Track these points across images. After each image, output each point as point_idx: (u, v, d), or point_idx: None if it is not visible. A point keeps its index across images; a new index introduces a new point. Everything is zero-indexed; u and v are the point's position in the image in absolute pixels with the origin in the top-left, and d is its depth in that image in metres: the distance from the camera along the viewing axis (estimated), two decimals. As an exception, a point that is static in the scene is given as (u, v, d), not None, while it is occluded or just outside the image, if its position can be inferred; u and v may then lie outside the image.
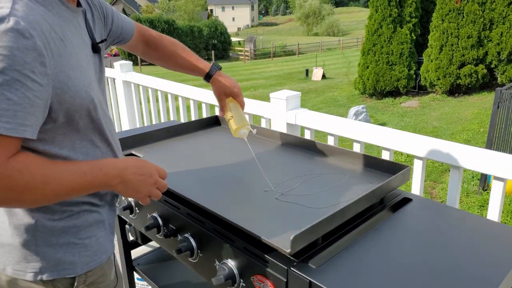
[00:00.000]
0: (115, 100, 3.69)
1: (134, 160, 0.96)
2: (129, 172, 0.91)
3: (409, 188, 1.74)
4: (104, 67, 1.08)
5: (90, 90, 0.91)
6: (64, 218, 0.94)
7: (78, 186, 0.85)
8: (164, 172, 1.00)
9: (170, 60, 1.32)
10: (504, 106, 5.11)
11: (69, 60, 0.85)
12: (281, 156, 1.38)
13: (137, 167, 0.94)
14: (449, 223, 1.01)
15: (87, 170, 0.86)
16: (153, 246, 1.76)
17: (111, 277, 1.08)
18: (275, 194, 1.10)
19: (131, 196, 0.96)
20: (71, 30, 0.89)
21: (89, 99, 0.90)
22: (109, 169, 0.90)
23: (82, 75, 0.89)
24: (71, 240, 0.95)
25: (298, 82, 18.51)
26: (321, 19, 53.85)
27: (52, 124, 0.86)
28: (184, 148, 1.50)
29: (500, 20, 10.52)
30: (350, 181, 1.17)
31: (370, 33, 12.41)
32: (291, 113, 1.92)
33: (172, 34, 33.59)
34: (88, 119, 0.93)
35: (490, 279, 0.80)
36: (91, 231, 0.99)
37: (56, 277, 0.94)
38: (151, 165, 0.97)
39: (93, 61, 0.99)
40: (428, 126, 9.42)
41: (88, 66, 0.94)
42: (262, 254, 0.87)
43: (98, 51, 1.02)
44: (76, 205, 0.95)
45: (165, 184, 0.99)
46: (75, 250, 0.96)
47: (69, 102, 0.86)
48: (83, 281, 0.98)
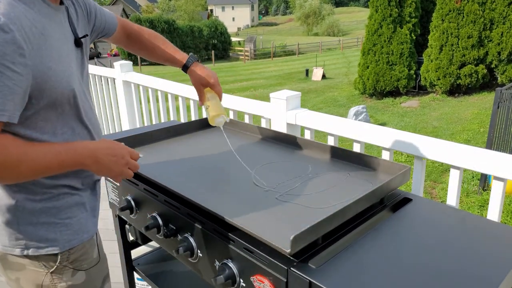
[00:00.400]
0: (115, 100, 3.69)
1: (107, 142, 1.04)
2: (101, 153, 1.00)
3: (409, 188, 1.74)
4: (87, 61, 1.15)
5: (70, 80, 0.99)
6: (44, 199, 1.03)
7: (53, 164, 0.94)
8: (136, 154, 1.08)
9: (150, 51, 1.41)
10: (504, 106, 5.11)
11: (49, 52, 0.93)
12: (281, 156, 1.38)
13: (109, 148, 1.02)
14: (449, 223, 1.01)
15: (62, 150, 0.95)
16: (153, 246, 1.76)
17: (94, 255, 1.16)
18: (275, 194, 1.10)
19: (104, 175, 1.04)
20: (52, 25, 0.97)
21: (69, 89, 0.99)
22: (83, 150, 0.98)
23: (63, 66, 0.97)
24: (51, 220, 1.04)
25: (298, 82, 18.51)
26: (321, 19, 53.85)
27: (34, 111, 0.94)
28: (184, 148, 1.50)
29: (501, 20, 10.52)
30: (350, 181, 1.17)
31: (370, 33, 12.41)
32: (291, 113, 1.92)
33: (172, 34, 33.61)
34: (68, 107, 1.02)
35: (490, 279, 0.80)
36: (71, 212, 1.08)
37: (41, 253, 1.04)
38: (123, 147, 1.05)
39: (75, 55, 1.06)
40: (428, 126, 9.42)
41: (69, 59, 1.01)
42: (262, 254, 0.87)
43: (80, 45, 1.09)
44: (56, 188, 1.04)
45: (137, 164, 1.07)
46: (56, 229, 1.05)
47: (50, 90, 0.94)
48: (66, 258, 1.07)
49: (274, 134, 1.54)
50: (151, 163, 1.35)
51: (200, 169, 1.30)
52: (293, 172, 1.24)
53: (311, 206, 1.03)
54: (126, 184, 1.33)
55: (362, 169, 1.25)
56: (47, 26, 0.94)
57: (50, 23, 0.96)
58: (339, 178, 1.19)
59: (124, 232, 1.56)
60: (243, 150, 1.44)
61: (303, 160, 1.34)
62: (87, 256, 1.13)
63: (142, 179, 1.25)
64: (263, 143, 1.52)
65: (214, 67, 28.88)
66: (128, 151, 1.05)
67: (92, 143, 1.04)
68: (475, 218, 1.06)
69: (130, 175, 1.06)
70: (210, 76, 1.35)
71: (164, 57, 1.40)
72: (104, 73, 3.66)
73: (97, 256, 1.17)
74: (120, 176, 1.05)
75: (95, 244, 1.17)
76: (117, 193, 1.41)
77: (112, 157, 1.01)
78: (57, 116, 1.00)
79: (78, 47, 1.07)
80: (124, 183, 1.34)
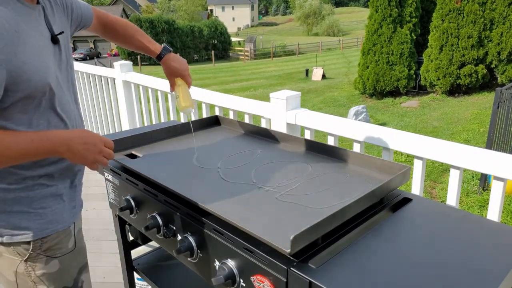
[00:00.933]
0: (115, 100, 3.69)
1: (81, 131, 1.09)
2: (74, 141, 1.04)
3: (409, 188, 1.74)
4: (67, 56, 1.19)
5: (45, 74, 1.04)
6: (18, 189, 1.08)
7: (26, 151, 0.99)
8: (110, 142, 1.12)
9: (125, 41, 1.49)
10: (504, 106, 5.11)
11: (23, 48, 0.97)
12: (281, 156, 1.38)
13: (82, 137, 1.06)
14: (449, 223, 1.01)
15: (35, 138, 1.00)
16: (153, 246, 1.76)
17: (69, 245, 1.19)
18: (275, 194, 1.10)
19: (79, 162, 1.08)
20: (27, 23, 1.01)
21: (44, 82, 1.03)
22: (55, 138, 1.03)
23: (38, 62, 1.01)
24: (25, 209, 1.09)
25: (298, 82, 18.51)
26: (321, 19, 53.84)
27: (10, 103, 0.99)
28: (184, 148, 1.50)
29: (501, 20, 10.52)
30: (350, 181, 1.17)
31: (370, 33, 12.41)
32: (291, 113, 1.92)
33: (172, 34, 33.63)
34: (44, 100, 1.06)
35: (490, 279, 0.80)
36: (45, 203, 1.13)
37: (14, 240, 1.09)
38: (96, 135, 1.10)
39: (52, 51, 1.11)
40: (428, 126, 9.43)
41: (45, 55, 1.06)
42: (262, 254, 0.87)
43: (57, 42, 1.13)
44: (32, 179, 1.09)
45: (111, 152, 1.12)
46: (29, 217, 1.10)
47: (25, 84, 0.98)
48: (38, 246, 1.12)
49: (274, 134, 1.54)
50: (151, 163, 1.35)
51: (200, 169, 1.30)
52: (293, 172, 1.24)
53: (311, 206, 1.03)
54: (126, 184, 1.33)
55: (362, 169, 1.25)
56: (22, 24, 0.99)
57: (25, 21, 1.01)
58: (339, 178, 1.19)
59: (124, 232, 1.56)
60: (243, 150, 1.44)
61: (303, 160, 1.34)
62: (61, 245, 1.17)
63: (142, 179, 1.25)
64: (263, 143, 1.52)
65: (214, 67, 28.89)
66: (101, 139, 1.10)
67: (65, 132, 1.10)
68: (475, 218, 1.05)
69: (104, 162, 1.11)
70: (181, 69, 1.45)
71: (139, 47, 1.49)
72: (104, 73, 3.66)
73: (73, 246, 1.21)
74: (95, 164, 1.09)
75: (72, 235, 1.21)
76: (117, 193, 1.41)
77: (85, 145, 1.05)
78: (33, 109, 1.04)
79: (55, 44, 1.12)
80: (124, 183, 1.34)
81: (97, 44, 42.63)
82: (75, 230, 1.23)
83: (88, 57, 35.74)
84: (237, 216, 0.96)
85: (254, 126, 1.62)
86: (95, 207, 3.22)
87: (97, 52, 39.28)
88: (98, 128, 4.11)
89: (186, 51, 34.69)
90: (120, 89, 3.42)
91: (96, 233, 2.88)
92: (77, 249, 1.23)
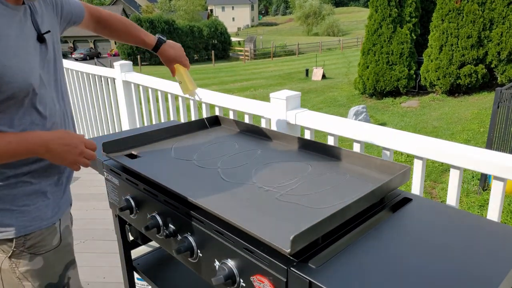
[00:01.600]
0: (115, 100, 3.69)
1: (61, 132, 1.10)
2: (53, 142, 1.05)
3: (409, 188, 1.74)
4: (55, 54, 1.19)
5: (28, 76, 1.04)
6: (1, 187, 1.08)
7: (5, 152, 1.00)
8: (91, 144, 1.13)
9: (119, 36, 1.51)
10: (504, 106, 5.11)
11: (4, 50, 0.98)
12: (281, 156, 1.38)
13: (62, 138, 1.07)
14: (449, 223, 1.01)
15: (13, 139, 1.01)
16: (153, 246, 1.76)
17: (53, 243, 1.20)
18: (275, 194, 1.10)
19: (59, 163, 1.10)
20: (9, 24, 1.02)
21: (26, 83, 1.03)
22: (34, 140, 1.04)
23: (19, 63, 1.02)
24: (7, 206, 1.10)
25: (298, 82, 18.51)
26: (321, 19, 53.85)
27: None
28: (184, 148, 1.50)
29: (500, 20, 10.53)
30: (350, 181, 1.17)
31: (370, 33, 12.41)
32: (291, 113, 1.92)
33: (172, 34, 33.62)
34: (27, 101, 1.06)
35: (490, 279, 0.80)
36: (29, 200, 1.13)
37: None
38: (77, 136, 1.10)
39: (38, 51, 1.11)
40: (428, 126, 9.43)
41: (28, 55, 1.06)
42: (262, 254, 0.87)
43: (44, 41, 1.13)
44: (15, 177, 1.09)
45: (92, 154, 1.12)
46: (12, 215, 1.10)
47: (6, 85, 0.98)
48: (22, 243, 1.12)
49: (274, 134, 1.54)
50: (151, 163, 1.35)
51: (200, 169, 1.30)
52: (293, 172, 1.24)
53: (311, 206, 1.03)
54: (126, 184, 1.33)
55: (362, 169, 1.25)
56: (3, 25, 0.99)
57: (7, 22, 1.01)
58: (339, 178, 1.19)
59: (124, 232, 1.56)
60: (243, 150, 1.44)
61: (303, 160, 1.34)
62: (45, 242, 1.17)
63: (142, 179, 1.25)
64: (263, 143, 1.52)
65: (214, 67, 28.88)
66: (82, 140, 1.11)
67: (45, 133, 1.09)
68: (475, 218, 1.05)
69: (86, 164, 1.12)
70: (178, 55, 1.54)
71: (134, 41, 1.52)
72: (104, 73, 3.66)
73: (58, 243, 1.21)
74: (75, 165, 1.10)
75: (57, 232, 1.21)
76: (117, 193, 1.41)
77: (65, 146, 1.06)
78: (16, 109, 1.05)
79: (42, 43, 1.12)
80: (124, 183, 1.34)
81: (97, 44, 42.63)
82: (61, 227, 1.24)
83: (88, 57, 35.74)
84: (237, 216, 0.96)
85: (254, 126, 1.62)
86: (95, 207, 3.22)
87: (97, 52, 39.28)
88: (98, 128, 4.11)
89: (186, 51, 34.20)
90: (120, 89, 3.42)
91: (96, 233, 2.88)
92: (63, 246, 1.23)
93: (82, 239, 2.81)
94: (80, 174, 3.75)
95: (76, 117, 4.41)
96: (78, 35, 39.35)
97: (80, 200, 3.28)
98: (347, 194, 1.08)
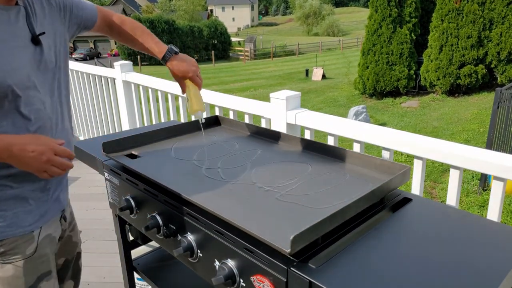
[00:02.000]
0: (115, 100, 3.69)
1: (28, 137, 1.04)
2: (16, 148, 1.00)
3: (409, 188, 1.74)
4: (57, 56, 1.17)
5: (7, 76, 1.00)
6: None
7: None
8: (64, 151, 1.06)
9: (131, 43, 1.45)
10: (504, 106, 5.11)
11: None
12: (281, 156, 1.38)
13: (27, 144, 1.01)
14: (449, 223, 1.01)
15: None
16: (153, 246, 1.76)
17: (27, 252, 1.14)
18: (275, 194, 1.10)
19: (25, 169, 1.04)
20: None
21: (5, 85, 1.00)
22: None
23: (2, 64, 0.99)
24: None
25: (298, 82, 18.51)
26: (321, 19, 53.86)
27: None
28: (184, 148, 1.50)
29: (500, 20, 10.52)
30: (350, 181, 1.17)
31: (370, 33, 12.41)
32: (291, 113, 1.92)
33: (172, 34, 33.63)
34: (7, 103, 1.03)
35: (490, 279, 0.80)
36: (6, 205, 1.09)
37: None
38: (46, 143, 1.04)
39: (32, 52, 1.08)
40: (428, 126, 9.43)
41: (12, 56, 1.03)
42: (262, 254, 0.87)
43: (39, 43, 1.10)
44: None
45: (62, 161, 1.05)
46: None
47: None
48: None
49: (274, 134, 1.54)
50: (151, 163, 1.35)
51: (200, 169, 1.30)
52: (293, 172, 1.24)
53: (311, 206, 1.03)
54: (126, 184, 1.33)
55: (362, 169, 1.25)
56: None
57: None
58: (339, 178, 1.19)
59: (124, 232, 1.56)
60: (243, 150, 1.44)
61: (303, 160, 1.34)
62: (18, 251, 1.12)
63: (142, 179, 1.25)
64: (263, 143, 1.52)
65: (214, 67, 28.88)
66: (52, 147, 1.04)
67: (10, 137, 1.03)
68: (475, 218, 1.06)
69: (55, 173, 1.05)
70: (188, 71, 1.35)
71: (144, 49, 1.43)
72: (104, 73, 3.66)
73: (32, 252, 1.15)
74: (43, 173, 1.04)
75: (34, 241, 1.15)
76: (117, 193, 1.41)
77: (30, 152, 1.00)
78: None
79: (36, 45, 1.09)
80: (124, 183, 1.34)
81: (97, 44, 42.62)
82: (41, 236, 1.17)
83: (88, 57, 35.73)
84: (237, 216, 0.96)
85: (254, 126, 1.62)
86: (95, 207, 3.22)
87: (97, 52, 39.27)
88: (98, 128, 4.11)
89: (186, 51, 34.64)
90: (120, 89, 3.42)
91: (96, 233, 2.88)
92: (37, 256, 1.17)
93: (82, 239, 2.81)
94: (80, 174, 3.75)
95: (76, 117, 4.41)
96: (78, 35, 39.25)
97: (80, 200, 3.28)
98: (347, 194, 1.08)
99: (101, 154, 1.41)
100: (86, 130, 4.30)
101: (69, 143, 1.26)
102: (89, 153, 1.56)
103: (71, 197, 1.46)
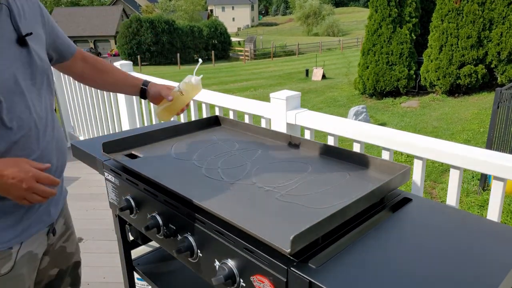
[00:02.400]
0: (115, 100, 3.69)
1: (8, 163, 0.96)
2: None
3: (409, 188, 1.74)
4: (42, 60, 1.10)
5: None
6: None
7: None
8: (47, 178, 1.00)
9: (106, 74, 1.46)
10: (504, 106, 5.11)
11: None
12: (281, 156, 1.38)
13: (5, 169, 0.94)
14: (449, 223, 1.01)
15: None
16: (153, 246, 1.76)
17: (2, 271, 1.05)
18: (275, 194, 1.10)
19: (4, 196, 0.98)
20: None
21: None
22: None
23: None
24: None
25: (298, 82, 18.51)
26: (321, 19, 53.87)
27: None
28: (184, 148, 1.50)
29: (500, 20, 10.52)
30: (350, 181, 1.17)
31: (370, 33, 12.41)
32: (291, 113, 1.92)
33: (172, 35, 33.63)
34: None
35: (490, 279, 0.80)
36: None
37: None
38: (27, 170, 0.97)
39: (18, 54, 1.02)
40: (428, 126, 9.43)
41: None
42: (262, 254, 0.87)
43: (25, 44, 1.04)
44: None
45: (44, 189, 0.99)
46: None
47: None
48: None
49: (274, 134, 1.54)
50: (151, 163, 1.35)
51: (200, 169, 1.30)
52: (293, 172, 1.24)
53: (311, 206, 1.03)
54: (126, 184, 1.33)
55: (362, 169, 1.25)
56: None
57: None
58: (339, 178, 1.19)
59: (124, 232, 1.56)
60: (243, 150, 1.44)
61: (303, 160, 1.34)
62: None
63: (142, 179, 1.25)
64: (263, 143, 1.52)
65: (214, 67, 28.89)
66: (34, 175, 0.97)
67: None
68: (475, 218, 1.06)
69: (36, 200, 0.99)
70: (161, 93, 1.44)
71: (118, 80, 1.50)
72: (104, 73, 3.66)
73: (7, 271, 1.07)
74: (23, 200, 0.98)
75: (11, 259, 1.07)
76: (117, 193, 1.41)
77: (10, 179, 0.94)
78: None
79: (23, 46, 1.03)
80: (124, 183, 1.34)
81: (97, 44, 42.64)
82: (20, 253, 1.08)
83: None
84: (237, 216, 0.96)
85: (254, 126, 1.62)
86: (95, 207, 3.22)
87: (97, 52, 39.29)
88: (98, 128, 4.11)
89: (186, 51, 34.72)
90: (120, 89, 3.41)
91: (96, 233, 2.88)
92: (12, 276, 1.07)
93: (82, 239, 2.81)
94: (80, 174, 3.75)
95: (76, 117, 4.41)
96: (78, 35, 39.40)
97: (80, 200, 3.28)
98: (347, 194, 1.08)
99: (101, 154, 1.41)
100: (86, 130, 4.30)
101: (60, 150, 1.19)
102: (89, 153, 1.56)
103: (71, 197, 1.46)
